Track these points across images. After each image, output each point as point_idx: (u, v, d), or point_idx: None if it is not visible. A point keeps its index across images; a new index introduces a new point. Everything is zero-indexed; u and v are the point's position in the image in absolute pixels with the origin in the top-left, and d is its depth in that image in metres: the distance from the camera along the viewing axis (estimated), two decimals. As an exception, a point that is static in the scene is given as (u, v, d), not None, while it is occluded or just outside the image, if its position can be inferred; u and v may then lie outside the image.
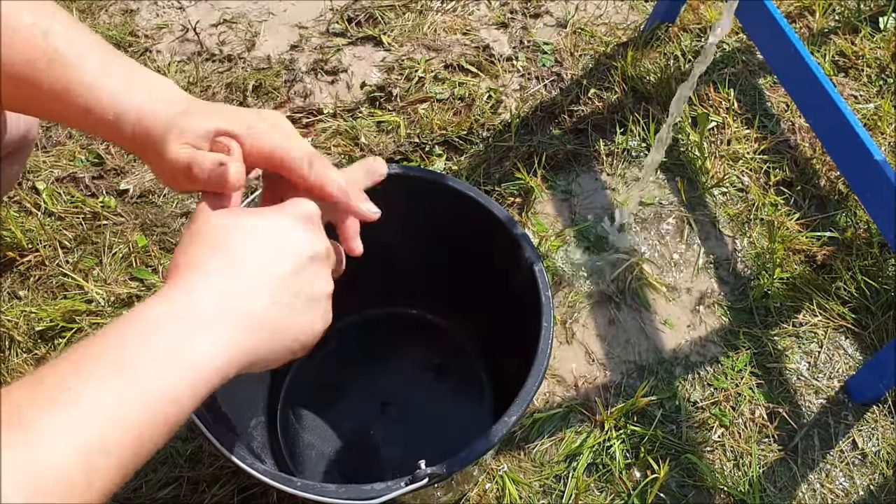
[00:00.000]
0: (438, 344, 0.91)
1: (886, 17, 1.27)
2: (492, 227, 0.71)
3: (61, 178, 1.07)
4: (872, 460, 0.88)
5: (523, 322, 0.68)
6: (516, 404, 0.60)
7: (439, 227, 0.76)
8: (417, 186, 0.73)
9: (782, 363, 0.95)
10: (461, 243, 0.77)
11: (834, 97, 0.87)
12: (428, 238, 0.78)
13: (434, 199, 0.74)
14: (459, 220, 0.74)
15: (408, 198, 0.72)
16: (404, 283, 0.86)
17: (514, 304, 0.71)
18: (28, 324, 0.94)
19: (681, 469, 0.87)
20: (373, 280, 0.84)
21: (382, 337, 0.91)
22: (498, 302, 0.77)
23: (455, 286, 0.82)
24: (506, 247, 0.70)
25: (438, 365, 0.90)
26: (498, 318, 0.80)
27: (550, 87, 1.19)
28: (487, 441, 0.58)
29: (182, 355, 0.38)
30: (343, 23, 1.27)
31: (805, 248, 1.03)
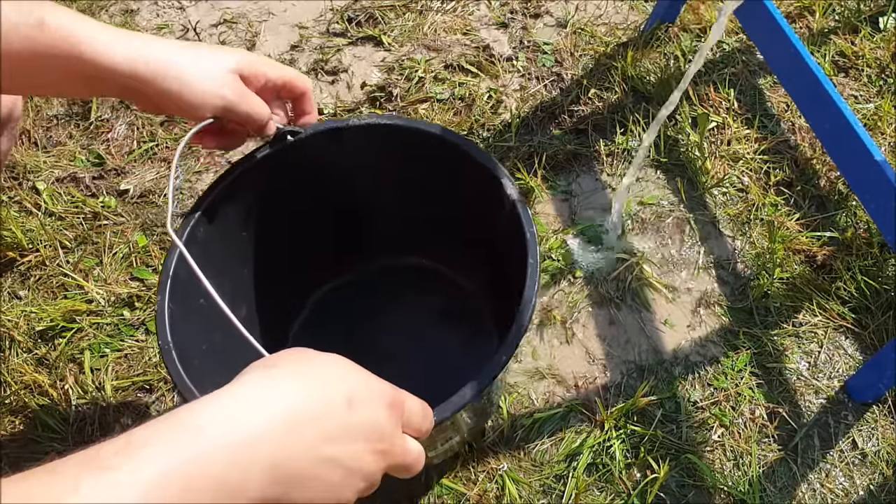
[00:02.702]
0: (442, 290, 0.90)
1: (886, 17, 1.27)
2: (472, 168, 0.71)
3: (62, 178, 1.07)
4: (872, 460, 0.89)
5: (512, 263, 0.67)
6: (505, 345, 0.60)
7: (425, 175, 0.76)
8: (393, 135, 0.73)
9: (782, 363, 0.95)
10: (448, 189, 0.76)
11: (834, 97, 0.87)
12: (417, 188, 0.78)
13: (412, 147, 0.74)
14: (442, 167, 0.74)
15: (384, 148, 0.73)
16: (401, 234, 0.86)
17: (504, 244, 0.71)
18: (28, 324, 0.94)
19: (681, 469, 0.87)
20: (370, 233, 0.85)
21: (381, 288, 0.90)
22: (492, 245, 0.77)
23: (451, 233, 0.82)
24: (488, 187, 0.70)
25: (444, 311, 0.89)
26: (494, 262, 0.80)
27: (550, 88, 1.19)
28: (476, 385, 0.57)
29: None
30: (343, 23, 1.27)
31: (805, 249, 1.03)
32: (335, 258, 0.88)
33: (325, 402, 0.40)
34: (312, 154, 0.73)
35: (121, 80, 0.55)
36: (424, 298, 0.91)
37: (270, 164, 0.71)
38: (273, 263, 0.79)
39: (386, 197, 0.81)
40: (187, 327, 0.64)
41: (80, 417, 0.87)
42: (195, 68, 0.58)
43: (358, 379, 0.44)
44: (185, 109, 0.59)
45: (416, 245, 0.89)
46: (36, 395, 0.89)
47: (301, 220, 0.80)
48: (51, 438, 0.86)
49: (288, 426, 0.38)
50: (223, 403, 0.38)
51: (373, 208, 0.82)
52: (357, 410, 0.41)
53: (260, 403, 0.38)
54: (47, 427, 0.87)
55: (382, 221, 0.84)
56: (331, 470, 0.40)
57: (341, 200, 0.81)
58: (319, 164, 0.75)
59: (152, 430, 0.36)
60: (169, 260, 0.64)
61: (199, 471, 0.35)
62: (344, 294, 0.90)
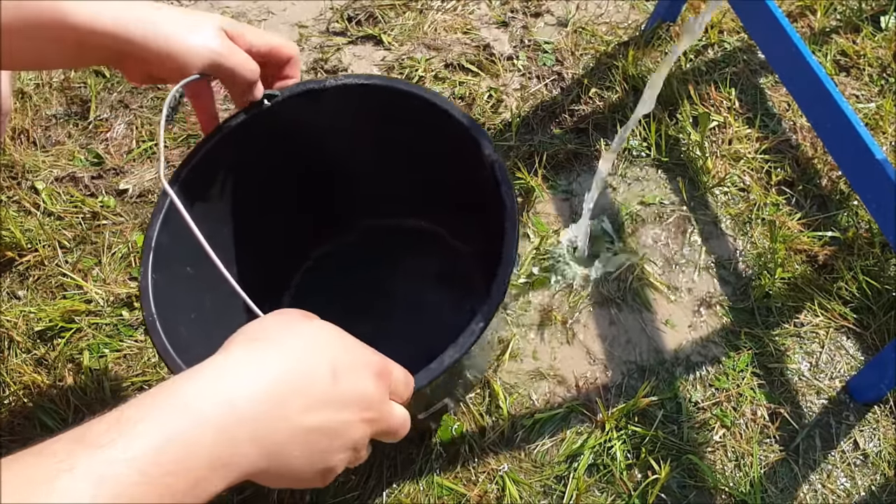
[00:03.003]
0: (437, 252, 0.90)
1: (888, 17, 1.27)
2: (452, 129, 0.70)
3: (60, 177, 1.07)
4: (874, 461, 0.88)
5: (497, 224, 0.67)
6: (483, 311, 0.59)
7: (406, 136, 0.76)
8: (370, 95, 0.72)
9: (784, 363, 0.95)
10: (430, 150, 0.76)
11: (835, 96, 0.87)
12: (400, 149, 0.78)
13: (390, 107, 0.73)
14: (422, 127, 0.73)
15: (362, 108, 0.73)
16: (392, 197, 0.85)
17: (490, 205, 0.71)
18: (27, 324, 0.94)
19: (682, 469, 0.86)
20: (356, 197, 0.85)
21: (381, 250, 0.90)
22: (482, 207, 0.77)
23: (441, 196, 0.81)
24: (468, 147, 0.69)
25: (438, 272, 0.89)
26: (484, 224, 0.80)
27: (551, 87, 1.19)
28: (455, 350, 0.57)
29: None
30: (343, 22, 1.27)
31: (806, 248, 1.03)
32: (321, 224, 0.88)
33: (308, 374, 0.41)
34: (289, 117, 0.72)
35: (108, 43, 0.55)
36: (419, 260, 0.90)
37: (247, 130, 0.70)
38: (257, 231, 0.78)
39: (367, 158, 0.80)
40: (173, 297, 0.63)
41: (79, 418, 0.87)
42: (182, 25, 0.58)
43: (344, 347, 0.44)
44: (174, 67, 0.58)
45: (412, 207, 0.88)
46: (35, 396, 0.89)
47: (283, 185, 0.79)
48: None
49: (273, 398, 0.39)
50: (208, 377, 0.38)
51: (359, 171, 0.81)
52: (342, 380, 0.42)
53: (244, 376, 0.39)
54: (46, 427, 0.86)
55: (369, 184, 0.83)
56: (317, 439, 0.41)
57: (322, 163, 0.80)
58: (297, 127, 0.74)
59: (142, 406, 0.36)
60: (151, 230, 0.64)
61: (190, 446, 0.35)
62: (335, 259, 0.90)
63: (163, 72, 0.59)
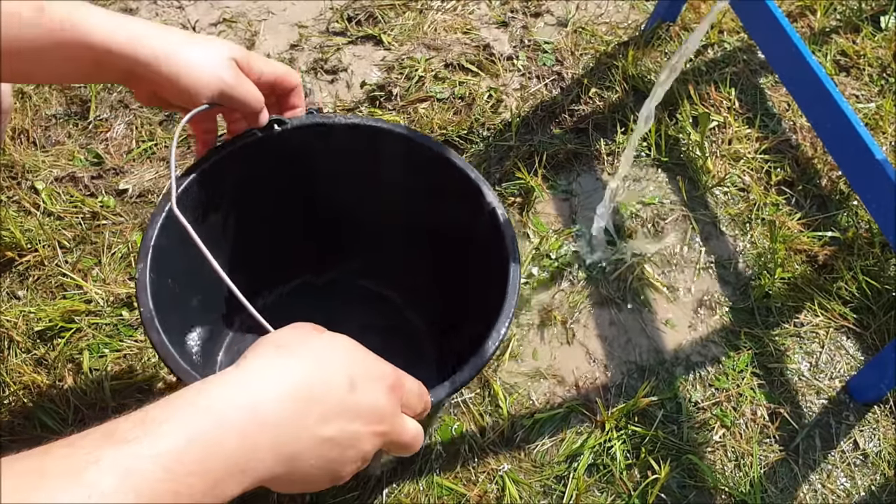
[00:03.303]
0: (385, 309, 0.90)
1: (888, 17, 1.27)
2: (454, 177, 0.72)
3: (60, 177, 1.07)
4: (874, 461, 0.88)
5: (491, 271, 0.69)
6: (493, 336, 0.61)
7: (390, 175, 0.77)
8: (376, 137, 0.74)
9: (783, 363, 0.95)
10: (427, 195, 0.77)
11: (835, 96, 0.87)
12: (380, 189, 0.79)
13: (392, 150, 0.75)
14: (408, 167, 0.75)
15: (368, 149, 0.74)
16: (358, 244, 0.86)
17: (483, 252, 0.72)
18: (27, 324, 0.94)
19: (682, 469, 0.86)
20: (327, 237, 0.85)
21: (328, 302, 0.90)
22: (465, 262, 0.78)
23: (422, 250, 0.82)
24: (468, 195, 0.71)
25: (384, 329, 0.88)
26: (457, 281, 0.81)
27: (551, 87, 1.19)
28: (470, 370, 0.60)
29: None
30: (343, 22, 1.27)
31: (806, 248, 1.03)
32: (296, 260, 0.88)
33: (327, 383, 0.42)
34: (294, 147, 0.73)
35: (121, 64, 0.56)
36: (371, 317, 0.90)
37: (257, 148, 0.71)
38: (240, 253, 0.79)
39: (367, 195, 0.81)
40: (168, 296, 0.64)
41: (78, 418, 0.87)
42: (194, 53, 0.59)
43: (361, 360, 0.45)
44: (183, 93, 0.59)
45: (399, 248, 0.88)
46: (35, 396, 0.89)
47: (289, 207, 0.80)
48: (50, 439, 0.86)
49: (291, 407, 0.40)
50: (231, 383, 0.40)
51: (358, 207, 0.82)
52: (358, 392, 0.43)
53: (266, 384, 0.40)
54: (46, 427, 0.86)
55: (368, 221, 0.83)
56: (330, 448, 0.42)
57: (318, 199, 0.81)
58: (299, 157, 0.75)
59: (167, 408, 0.37)
60: (150, 231, 0.64)
61: (212, 448, 0.36)
62: (301, 294, 0.90)
63: (171, 96, 0.61)
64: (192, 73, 0.59)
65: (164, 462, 0.34)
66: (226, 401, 0.38)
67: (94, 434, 0.35)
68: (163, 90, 0.60)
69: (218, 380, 0.40)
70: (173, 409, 0.37)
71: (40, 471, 0.32)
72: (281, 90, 0.69)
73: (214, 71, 0.60)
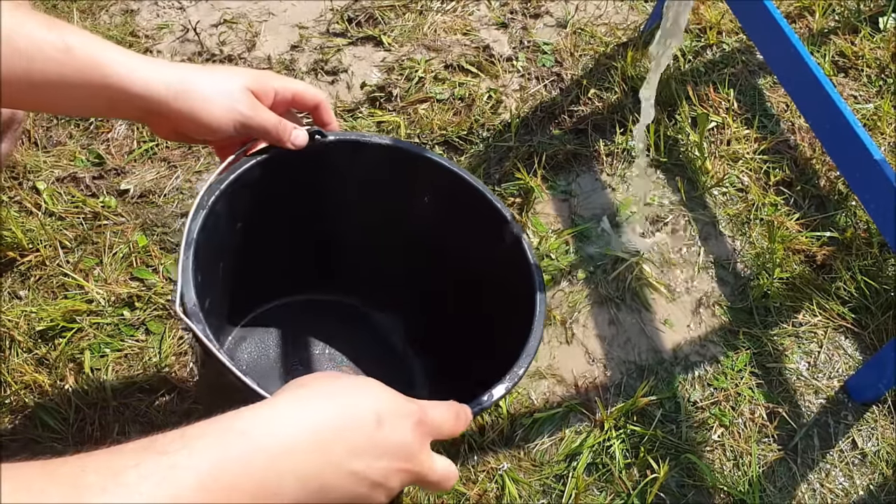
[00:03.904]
0: (372, 331, 0.90)
1: (886, 18, 1.27)
2: (480, 208, 0.73)
3: (62, 178, 1.07)
4: (872, 460, 0.89)
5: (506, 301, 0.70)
6: (523, 357, 0.63)
7: (411, 200, 0.77)
8: (411, 161, 0.74)
9: (782, 363, 0.95)
10: (449, 225, 0.78)
11: (833, 97, 0.87)
12: (398, 212, 0.79)
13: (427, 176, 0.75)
14: (431, 191, 0.76)
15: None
16: (362, 268, 0.86)
17: (499, 283, 0.73)
18: (28, 324, 0.94)
19: (680, 469, 0.87)
20: (332, 257, 0.85)
21: (317, 323, 0.89)
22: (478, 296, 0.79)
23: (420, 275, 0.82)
24: (491, 226, 0.73)
25: (374, 351, 0.89)
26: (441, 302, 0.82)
27: (550, 88, 1.19)
28: (504, 385, 0.60)
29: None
30: (343, 23, 1.27)
31: (805, 248, 1.03)
32: (306, 275, 0.88)
33: (355, 419, 0.43)
34: (330, 161, 0.73)
35: (139, 103, 0.58)
36: (357, 335, 0.89)
37: (290, 161, 0.70)
38: (250, 263, 0.79)
39: (389, 220, 0.81)
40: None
41: (80, 418, 0.87)
42: (210, 88, 0.60)
43: (388, 399, 0.46)
44: (202, 128, 0.60)
45: (379, 285, 0.88)
46: (36, 395, 0.89)
47: (289, 224, 0.80)
48: (51, 438, 0.86)
49: (320, 440, 0.42)
50: (264, 414, 0.41)
51: (374, 235, 0.82)
52: (385, 428, 0.44)
53: (295, 417, 0.42)
54: (47, 427, 0.87)
55: (384, 249, 0.84)
56: (356, 483, 0.43)
57: (338, 216, 0.81)
58: (328, 172, 0.75)
59: (204, 428, 0.39)
60: (193, 223, 0.63)
61: (243, 470, 0.38)
62: (304, 309, 0.89)
63: (191, 132, 0.61)
64: (208, 107, 0.59)
65: (200, 476, 0.36)
66: (260, 428, 0.40)
67: (133, 444, 0.37)
68: (182, 126, 0.61)
69: (250, 410, 0.41)
70: (209, 429, 0.39)
71: (82, 470, 0.34)
72: (301, 106, 0.69)
73: (230, 104, 0.60)
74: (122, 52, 0.57)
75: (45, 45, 0.53)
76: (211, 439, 0.38)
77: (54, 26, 0.55)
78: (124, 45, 1.22)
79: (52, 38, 0.54)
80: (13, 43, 0.52)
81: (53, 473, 0.33)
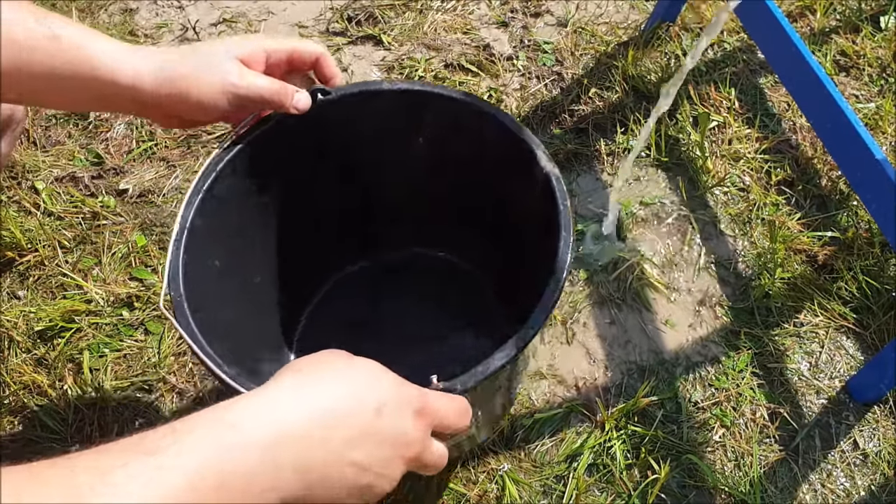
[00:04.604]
0: (455, 282, 0.89)
1: (888, 17, 1.27)
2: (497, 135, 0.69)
3: (60, 177, 1.07)
4: (874, 460, 0.88)
5: (541, 240, 0.65)
6: (534, 316, 0.56)
7: (441, 141, 0.74)
8: (425, 102, 0.70)
9: (783, 363, 0.95)
10: (465, 160, 0.74)
11: (835, 97, 0.87)
12: (430, 156, 0.76)
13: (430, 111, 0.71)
14: (460, 132, 0.72)
15: (414, 115, 0.71)
16: (412, 215, 0.84)
17: (529, 221, 0.69)
18: (27, 324, 0.94)
19: (682, 469, 0.86)
20: (378, 215, 0.83)
21: (397, 277, 0.89)
22: (513, 224, 0.76)
23: (471, 218, 0.80)
24: (520, 160, 0.67)
25: (457, 304, 0.88)
26: (513, 244, 0.78)
27: (551, 87, 1.19)
28: (504, 355, 0.54)
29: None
30: (343, 22, 1.27)
31: (806, 248, 1.03)
32: (354, 240, 0.87)
33: (354, 408, 0.42)
34: (339, 118, 0.70)
35: (129, 94, 0.56)
36: (442, 287, 0.89)
37: (294, 126, 0.67)
38: (293, 235, 0.76)
39: (410, 173, 0.78)
40: (200, 284, 0.61)
41: (79, 418, 0.87)
42: (194, 66, 0.58)
43: (389, 386, 0.45)
44: (196, 109, 0.58)
45: (437, 232, 0.87)
46: (35, 396, 0.89)
47: (320, 192, 0.77)
48: (50, 438, 0.86)
49: (318, 429, 0.40)
50: (257, 402, 0.40)
51: (399, 186, 0.79)
52: (385, 418, 0.43)
53: (292, 405, 0.40)
54: (46, 427, 0.87)
55: (408, 201, 0.81)
56: (356, 473, 0.41)
57: (363, 172, 0.78)
58: (345, 130, 0.72)
59: (192, 422, 0.38)
60: (186, 211, 0.61)
61: (234, 466, 0.37)
62: (359, 279, 0.89)
63: (187, 114, 0.59)
64: (202, 86, 0.57)
65: (187, 474, 0.35)
66: (250, 419, 0.38)
67: (122, 442, 0.36)
68: (175, 111, 0.59)
69: (243, 399, 0.40)
70: (197, 424, 0.37)
71: (71, 470, 0.34)
72: (301, 65, 0.65)
73: (219, 78, 0.58)
74: (109, 41, 0.56)
75: (35, 30, 0.52)
76: (201, 433, 0.37)
77: (42, 16, 0.53)
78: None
79: (40, 23, 0.53)
80: (10, 34, 0.51)
81: (42, 475, 0.33)
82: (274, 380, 0.42)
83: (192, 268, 0.60)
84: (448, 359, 0.84)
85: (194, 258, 0.61)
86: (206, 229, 0.63)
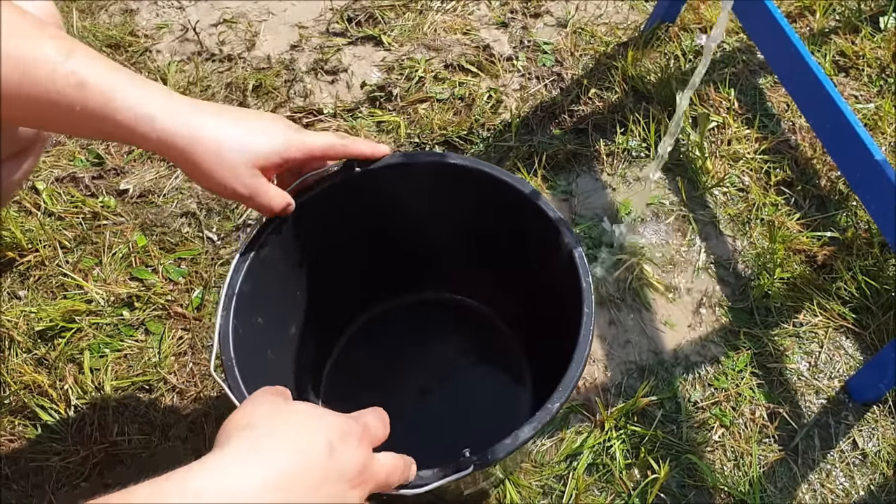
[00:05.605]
0: (479, 331, 0.90)
1: (887, 17, 1.27)
2: (527, 210, 0.72)
3: (61, 177, 1.07)
4: (873, 460, 0.88)
5: (564, 309, 0.68)
6: (559, 391, 0.60)
7: (472, 210, 0.77)
8: (446, 172, 0.74)
9: (783, 363, 0.95)
10: (494, 228, 0.78)
11: (834, 97, 0.87)
12: (461, 223, 0.79)
13: (465, 184, 0.75)
14: (492, 204, 0.75)
15: (437, 182, 0.74)
16: (441, 269, 0.87)
17: (554, 290, 0.72)
18: (28, 324, 0.94)
19: (681, 469, 0.87)
20: (407, 266, 0.85)
21: (420, 322, 0.91)
22: (538, 289, 0.78)
23: (495, 273, 0.82)
24: (544, 232, 0.71)
25: (479, 351, 0.89)
26: (540, 306, 0.81)
27: (551, 87, 1.19)
28: (531, 428, 0.58)
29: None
30: (343, 22, 1.27)
31: (805, 248, 1.03)
32: (382, 288, 0.89)
33: (308, 454, 0.43)
34: (375, 186, 0.74)
35: (154, 148, 0.57)
36: (464, 338, 0.91)
37: (336, 192, 0.72)
38: (326, 286, 0.80)
39: (440, 235, 0.81)
40: (245, 343, 0.65)
41: (79, 418, 0.87)
42: (212, 164, 0.59)
43: (330, 422, 0.46)
44: (211, 189, 0.61)
45: (464, 283, 0.90)
46: (35, 396, 0.89)
47: (355, 249, 0.81)
48: (50, 439, 0.86)
49: (276, 487, 0.41)
50: (211, 470, 0.40)
51: (431, 246, 0.82)
52: (337, 453, 0.44)
53: (246, 468, 0.41)
54: (47, 427, 0.87)
55: (439, 260, 0.85)
56: None
57: (395, 231, 0.82)
58: (383, 196, 0.76)
59: (154, 489, 0.38)
60: (234, 277, 0.65)
61: None
62: (384, 325, 0.91)
63: (205, 185, 0.61)
64: (209, 177, 0.59)
65: None
66: (215, 486, 0.39)
67: None
68: (192, 177, 0.60)
69: (198, 467, 0.40)
70: (159, 492, 0.38)
71: None
72: (315, 163, 0.70)
73: (231, 179, 0.59)
74: (134, 86, 0.55)
75: (59, 80, 0.52)
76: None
77: (66, 50, 0.52)
78: (123, 45, 1.22)
79: (64, 70, 0.52)
80: (33, 78, 0.51)
81: None
82: (223, 443, 0.43)
83: (238, 329, 0.64)
84: (469, 405, 0.86)
85: (241, 320, 0.65)
86: (252, 292, 0.66)
